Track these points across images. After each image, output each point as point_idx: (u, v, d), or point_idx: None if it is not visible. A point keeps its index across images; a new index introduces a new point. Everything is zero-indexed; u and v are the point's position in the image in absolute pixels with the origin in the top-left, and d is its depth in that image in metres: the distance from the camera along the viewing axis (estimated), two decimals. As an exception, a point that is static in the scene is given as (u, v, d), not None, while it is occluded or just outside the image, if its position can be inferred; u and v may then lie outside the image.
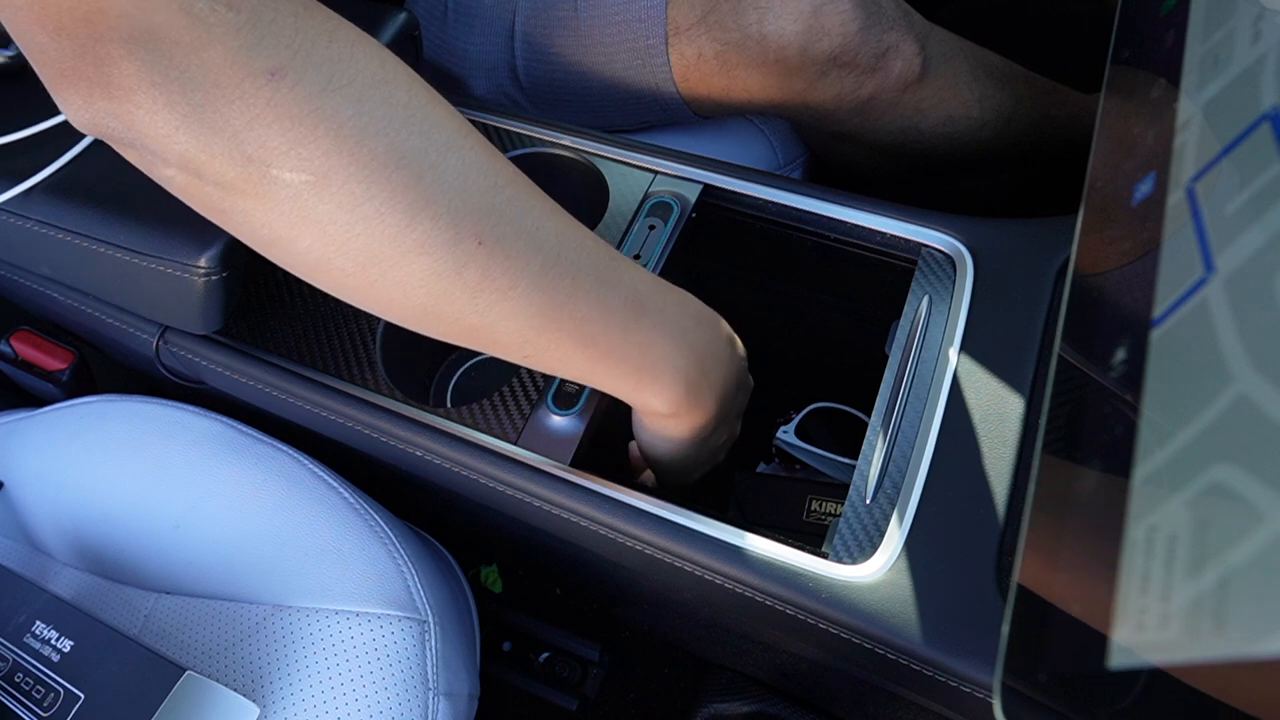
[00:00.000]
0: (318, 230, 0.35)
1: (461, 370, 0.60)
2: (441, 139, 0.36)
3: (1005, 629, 0.32)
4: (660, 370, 0.44)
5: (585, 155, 0.59)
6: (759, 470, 0.65)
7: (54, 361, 0.63)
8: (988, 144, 0.74)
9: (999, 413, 0.46)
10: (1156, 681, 0.25)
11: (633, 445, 0.54)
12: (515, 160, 0.59)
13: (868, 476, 0.46)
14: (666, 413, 0.46)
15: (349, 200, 0.34)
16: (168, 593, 0.53)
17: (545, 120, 0.60)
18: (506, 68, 0.72)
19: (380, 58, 0.35)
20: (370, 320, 0.54)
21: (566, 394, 0.50)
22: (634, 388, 0.45)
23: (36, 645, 0.48)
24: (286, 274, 0.56)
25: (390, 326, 0.54)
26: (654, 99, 0.69)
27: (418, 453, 0.51)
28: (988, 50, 0.73)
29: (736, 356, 0.50)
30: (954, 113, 0.71)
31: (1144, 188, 0.37)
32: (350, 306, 0.55)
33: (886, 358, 0.50)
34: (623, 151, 0.59)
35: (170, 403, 0.58)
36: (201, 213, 0.37)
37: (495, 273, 0.38)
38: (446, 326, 0.40)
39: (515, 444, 0.49)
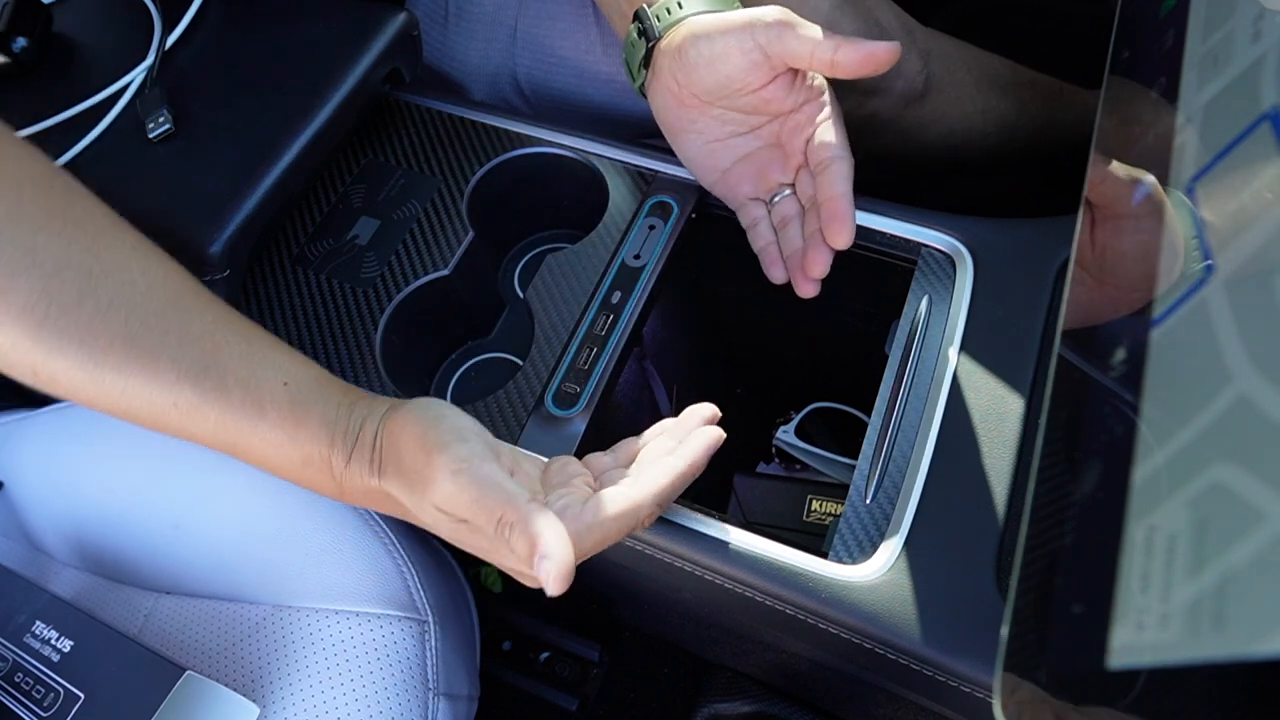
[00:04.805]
0: None
1: (461, 371, 0.60)
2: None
3: (1005, 629, 0.32)
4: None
5: (585, 155, 0.59)
6: (759, 470, 0.65)
7: (54, 361, 0.63)
8: (990, 151, 0.74)
9: (999, 413, 0.46)
10: (1156, 681, 0.25)
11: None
12: (515, 160, 0.60)
13: (868, 476, 0.46)
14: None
15: None
16: (168, 593, 0.53)
17: (545, 120, 0.60)
18: (508, 74, 0.72)
19: None
20: (370, 321, 0.54)
21: (566, 394, 0.50)
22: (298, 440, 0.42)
23: (36, 645, 0.48)
24: (286, 275, 0.56)
25: (390, 328, 0.54)
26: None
27: (418, 453, 0.51)
28: (991, 56, 0.72)
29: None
30: (956, 126, 0.70)
31: (1144, 188, 0.37)
32: (350, 307, 0.55)
33: (886, 358, 0.50)
34: (623, 152, 0.59)
35: (170, 403, 0.58)
36: None
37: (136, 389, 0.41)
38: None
39: (516, 444, 0.49)
